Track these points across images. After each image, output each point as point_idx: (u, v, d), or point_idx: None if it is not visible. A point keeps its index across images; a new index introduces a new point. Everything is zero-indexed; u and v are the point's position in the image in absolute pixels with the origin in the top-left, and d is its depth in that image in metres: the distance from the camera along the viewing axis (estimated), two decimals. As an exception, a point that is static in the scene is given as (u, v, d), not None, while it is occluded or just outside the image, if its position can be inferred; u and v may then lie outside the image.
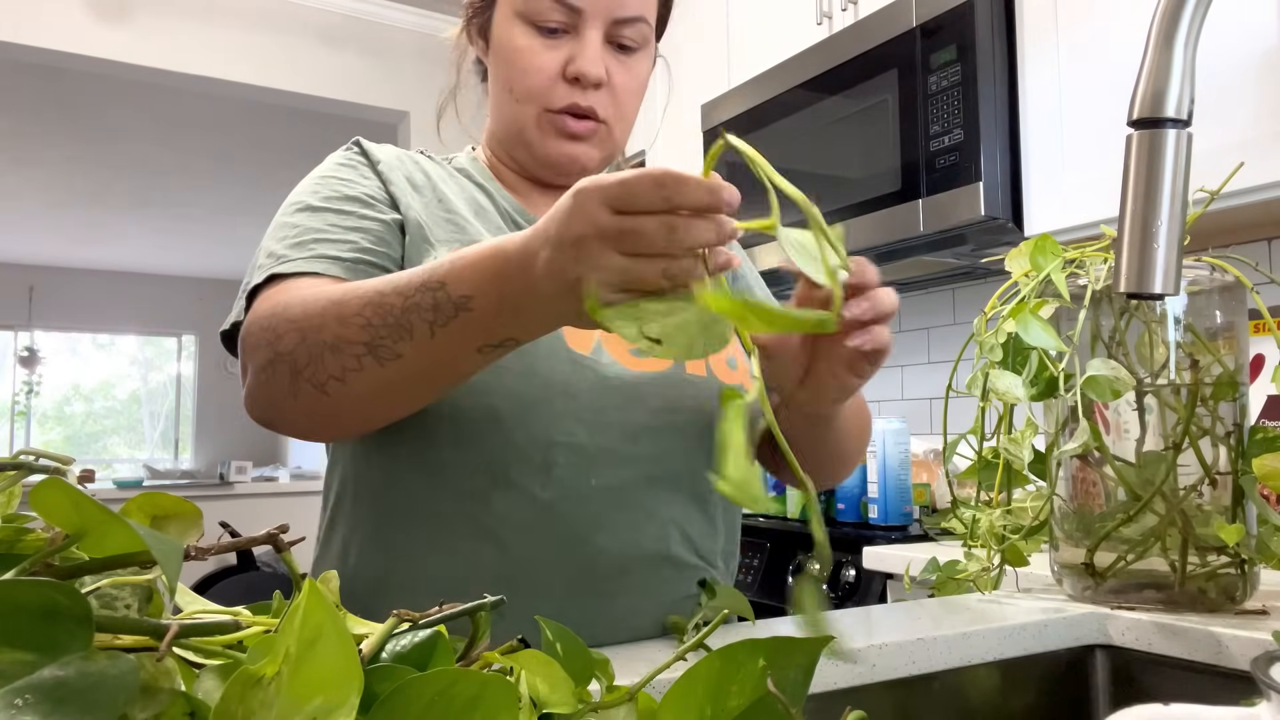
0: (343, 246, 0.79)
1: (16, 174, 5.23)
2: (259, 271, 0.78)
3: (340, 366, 0.67)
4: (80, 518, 0.30)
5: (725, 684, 0.34)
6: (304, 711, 0.26)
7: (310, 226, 0.80)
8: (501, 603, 0.38)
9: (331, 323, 0.67)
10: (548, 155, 0.87)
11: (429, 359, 0.65)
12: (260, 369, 0.71)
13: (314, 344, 0.67)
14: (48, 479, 0.29)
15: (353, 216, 0.81)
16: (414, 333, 0.64)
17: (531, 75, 0.85)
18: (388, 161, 0.88)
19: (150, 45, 3.01)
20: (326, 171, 0.87)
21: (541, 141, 0.87)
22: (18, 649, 0.24)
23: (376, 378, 0.66)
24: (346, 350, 0.66)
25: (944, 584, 0.93)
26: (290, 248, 0.78)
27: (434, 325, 0.63)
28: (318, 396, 0.68)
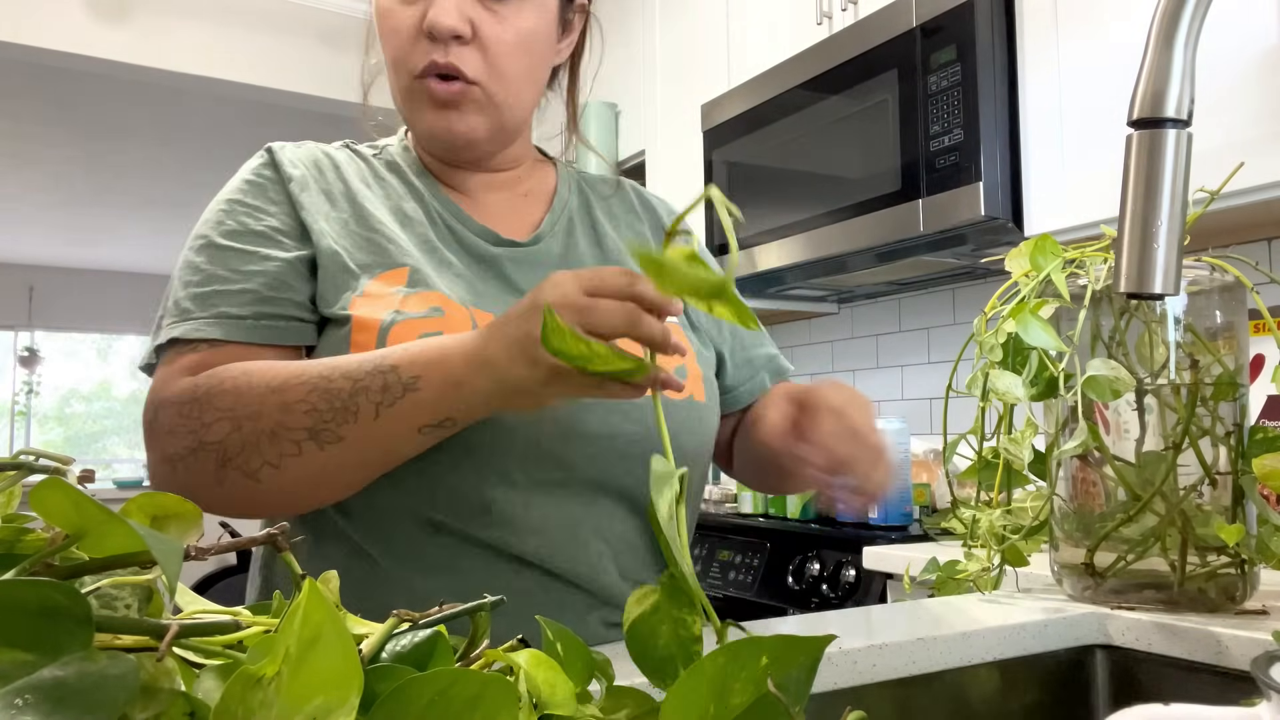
0: (242, 299, 0.75)
1: (16, 174, 5.24)
2: (165, 327, 0.76)
3: (277, 453, 0.67)
4: (80, 518, 0.30)
5: (729, 681, 0.34)
6: (304, 711, 0.26)
7: (212, 274, 0.76)
8: (502, 602, 0.38)
9: (272, 410, 0.67)
10: (425, 128, 0.81)
11: (370, 442, 0.67)
12: (179, 457, 0.69)
13: (250, 432, 0.67)
14: (47, 479, 0.29)
15: (255, 258, 0.76)
16: (359, 416, 0.66)
17: (395, 37, 0.78)
18: (301, 177, 0.81)
19: (150, 45, 3.01)
20: (234, 195, 0.81)
21: (418, 114, 0.80)
22: (17, 649, 0.24)
23: (314, 463, 0.67)
24: (286, 436, 0.67)
25: (944, 584, 0.93)
26: (193, 301, 0.75)
27: (380, 406, 0.65)
28: (247, 484, 0.68)
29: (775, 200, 2.20)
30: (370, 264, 0.78)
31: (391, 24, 0.78)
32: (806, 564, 1.89)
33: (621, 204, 0.97)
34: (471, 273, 0.82)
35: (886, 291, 2.48)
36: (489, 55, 0.78)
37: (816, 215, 2.07)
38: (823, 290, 2.50)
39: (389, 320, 0.73)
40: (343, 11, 3.31)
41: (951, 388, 0.92)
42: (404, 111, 0.83)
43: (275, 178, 0.81)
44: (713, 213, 2.41)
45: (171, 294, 0.78)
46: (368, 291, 0.76)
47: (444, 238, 0.83)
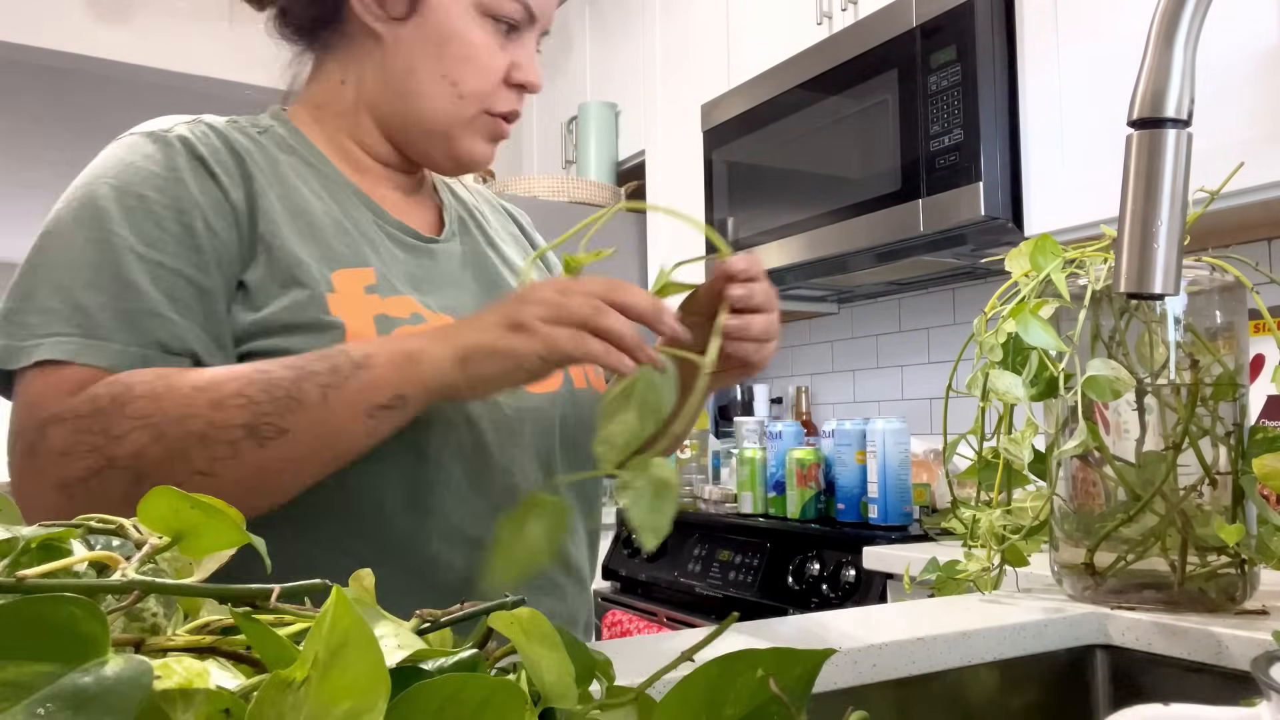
0: (173, 331, 0.67)
1: (17, 174, 5.24)
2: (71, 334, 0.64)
3: (208, 458, 0.61)
4: (179, 523, 0.34)
5: (722, 693, 0.35)
6: (333, 715, 0.26)
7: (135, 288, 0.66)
8: (522, 602, 0.38)
9: (201, 409, 0.61)
10: (471, 154, 0.82)
11: (315, 431, 0.62)
12: (78, 480, 0.61)
13: (174, 438, 0.60)
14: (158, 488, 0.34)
15: (184, 283, 0.68)
16: (304, 401, 0.61)
17: (486, 74, 0.79)
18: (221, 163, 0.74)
19: (150, 45, 3.01)
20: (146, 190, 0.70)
21: (470, 140, 0.81)
22: (40, 662, 0.25)
23: (251, 463, 0.61)
24: (218, 437, 0.61)
25: (944, 584, 0.93)
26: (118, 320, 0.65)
27: (328, 389, 0.61)
28: None
29: (775, 200, 2.20)
30: (327, 257, 0.73)
31: (490, 63, 0.79)
32: (806, 564, 1.89)
33: (485, 203, 0.97)
34: (408, 270, 0.79)
35: (886, 291, 2.48)
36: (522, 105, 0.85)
37: (816, 215, 2.07)
38: (823, 290, 2.50)
39: (383, 328, 0.71)
40: (343, 11, 3.31)
41: (951, 388, 0.92)
42: (448, 129, 0.80)
43: (193, 165, 0.72)
44: (713, 213, 2.41)
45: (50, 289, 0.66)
46: (339, 289, 0.72)
47: (370, 233, 0.79)
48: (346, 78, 0.82)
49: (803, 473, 2.04)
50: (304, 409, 0.61)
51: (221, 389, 0.61)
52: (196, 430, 0.61)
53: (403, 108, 0.80)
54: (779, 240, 2.16)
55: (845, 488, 1.99)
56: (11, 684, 0.25)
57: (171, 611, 0.33)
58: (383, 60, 0.80)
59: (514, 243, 0.94)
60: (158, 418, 0.60)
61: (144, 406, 0.61)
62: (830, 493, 2.05)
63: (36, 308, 0.65)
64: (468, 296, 0.82)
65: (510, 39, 0.80)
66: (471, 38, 0.78)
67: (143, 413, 0.61)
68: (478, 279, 0.85)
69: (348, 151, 0.83)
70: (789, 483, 2.07)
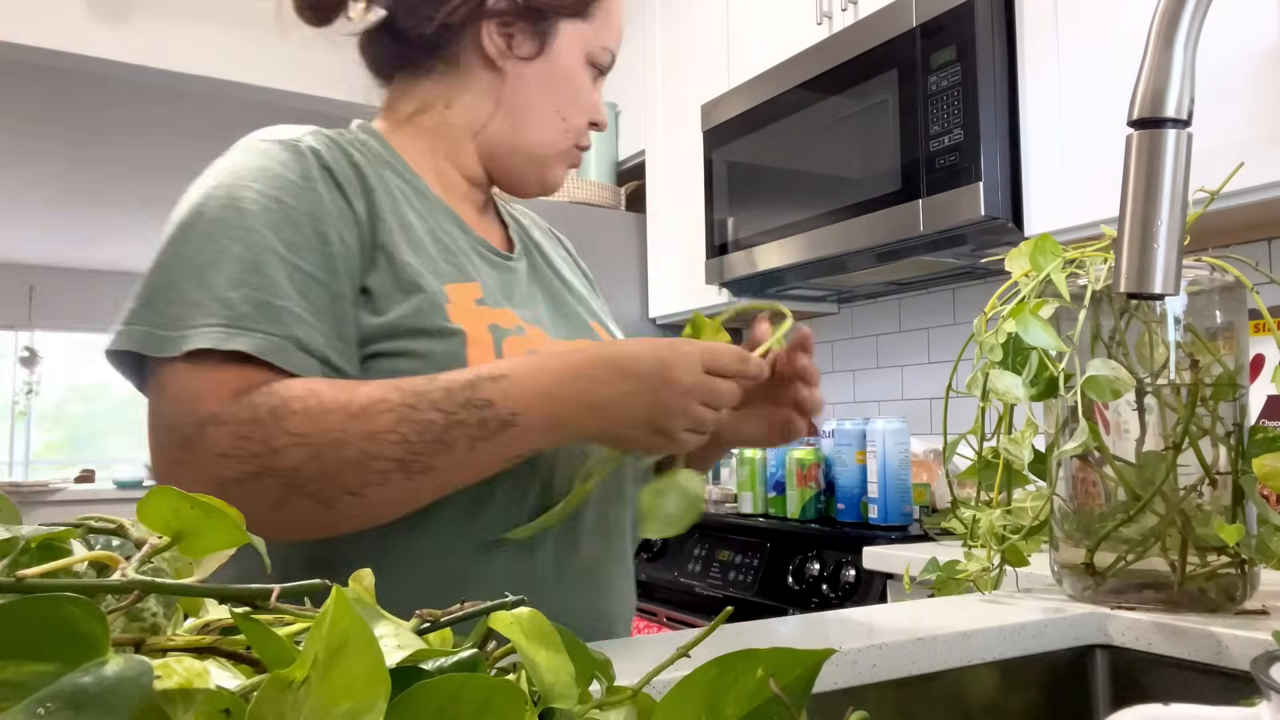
0: (314, 333, 0.70)
1: (16, 174, 5.24)
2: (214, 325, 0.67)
3: (360, 482, 0.66)
4: (179, 522, 0.34)
5: (722, 693, 0.35)
6: (333, 715, 0.26)
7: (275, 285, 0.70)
8: (523, 602, 0.38)
9: (357, 438, 0.65)
10: (556, 179, 0.93)
11: (458, 471, 0.68)
12: (234, 481, 0.65)
13: (331, 460, 0.65)
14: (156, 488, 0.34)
15: (319, 286, 0.72)
16: (454, 449, 0.67)
17: (586, 113, 0.90)
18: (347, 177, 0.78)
19: (150, 45, 3.01)
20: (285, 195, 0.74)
21: (558, 167, 0.91)
22: (40, 661, 0.25)
23: (399, 491, 0.67)
24: (373, 466, 0.66)
25: (944, 584, 0.93)
26: (256, 308, 0.68)
27: (476, 441, 0.67)
28: (317, 510, 0.66)
29: (775, 200, 2.20)
30: (439, 270, 0.79)
31: (586, 100, 0.90)
32: (806, 564, 1.89)
33: (535, 227, 1.03)
34: (495, 283, 0.85)
35: (886, 291, 2.48)
36: None
37: (816, 215, 2.07)
38: (823, 290, 2.50)
39: (497, 337, 0.77)
40: (343, 11, 3.30)
41: (951, 388, 0.92)
42: (544, 155, 0.89)
43: (324, 177, 0.77)
44: (713, 213, 2.41)
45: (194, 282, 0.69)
46: (453, 300, 0.77)
47: (464, 249, 0.85)
48: (452, 103, 0.88)
49: (803, 473, 2.04)
50: (452, 454, 0.67)
51: (375, 421, 0.66)
52: (351, 457, 0.65)
53: (513, 136, 0.88)
54: (779, 240, 2.16)
55: (845, 488, 1.99)
56: (11, 684, 0.25)
57: (171, 611, 0.33)
58: (500, 92, 0.87)
59: (566, 266, 1.01)
60: (315, 438, 0.65)
61: (301, 424, 0.65)
62: (830, 493, 2.05)
63: (181, 299, 0.68)
64: (541, 311, 0.89)
65: (594, 84, 0.91)
66: (581, 80, 0.89)
67: (300, 430, 0.64)
68: (544, 294, 0.92)
69: (440, 170, 0.89)
70: (789, 483, 2.07)
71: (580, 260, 1.07)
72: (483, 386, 0.67)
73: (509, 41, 0.86)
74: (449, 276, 0.79)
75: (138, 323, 0.68)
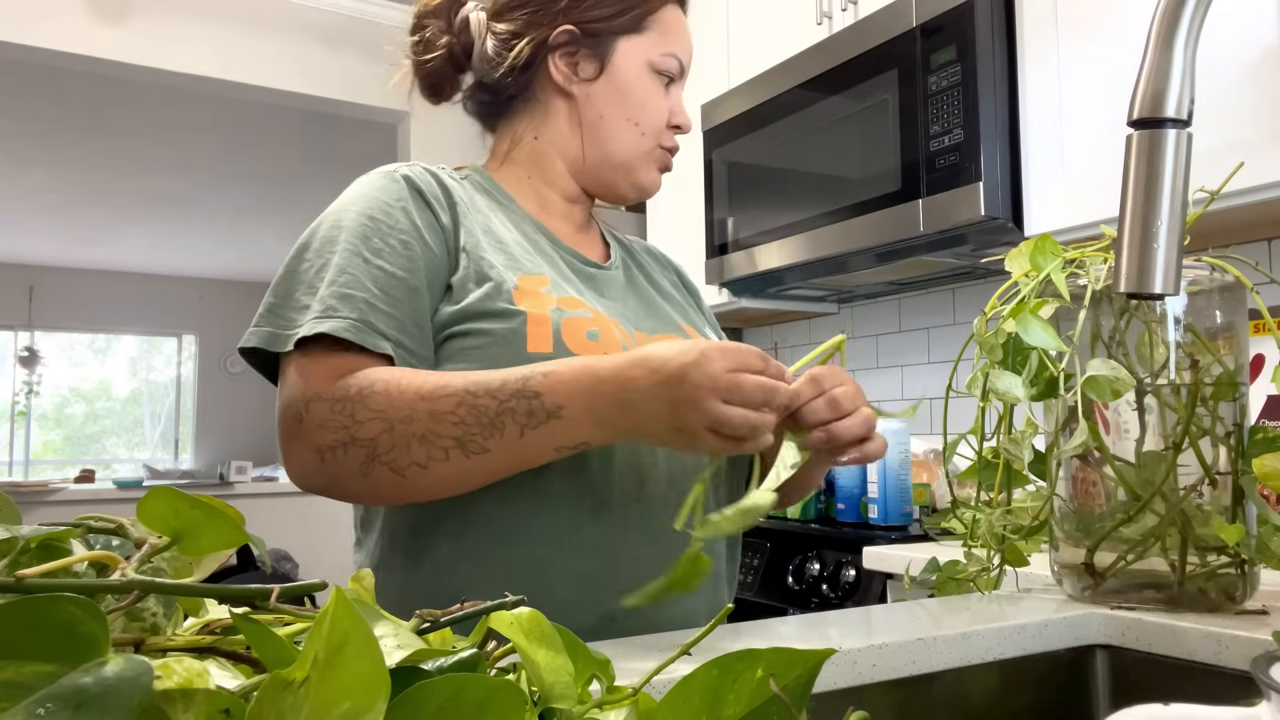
0: (390, 321, 0.81)
1: (16, 174, 5.24)
2: (311, 318, 0.80)
3: (425, 455, 0.75)
4: (178, 522, 0.34)
5: (722, 693, 0.35)
6: (332, 714, 0.26)
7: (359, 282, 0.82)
8: (523, 602, 0.38)
9: (423, 416, 0.75)
10: (648, 181, 1.00)
11: (512, 455, 0.75)
12: (329, 448, 0.76)
13: (401, 434, 0.75)
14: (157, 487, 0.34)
15: (397, 282, 0.83)
16: (505, 432, 0.74)
17: (659, 116, 0.98)
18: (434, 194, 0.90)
19: (150, 45, 3.01)
20: (375, 212, 0.87)
21: (647, 170, 1.00)
22: (40, 662, 0.25)
23: (459, 467, 0.76)
24: (435, 442, 0.75)
25: (944, 584, 0.93)
26: (339, 300, 0.80)
27: (525, 428, 0.74)
28: (394, 479, 0.76)
29: (775, 200, 2.20)
30: (513, 265, 0.89)
31: (661, 105, 0.98)
32: (806, 564, 1.89)
33: (644, 251, 1.12)
34: (579, 287, 0.94)
35: (886, 291, 2.48)
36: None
37: (816, 215, 2.07)
38: (823, 290, 2.50)
39: (557, 318, 0.85)
40: (343, 11, 3.31)
41: (951, 388, 0.92)
42: (629, 162, 0.98)
43: (414, 195, 0.89)
44: (713, 213, 2.41)
45: (300, 281, 0.83)
46: (522, 287, 0.86)
47: (548, 252, 0.95)
48: (539, 132, 1.00)
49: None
50: (503, 437, 0.74)
51: (439, 403, 0.75)
52: (418, 432, 0.75)
53: (596, 148, 0.98)
54: (779, 240, 2.17)
55: (845, 488, 1.99)
56: (11, 684, 0.25)
57: (171, 611, 0.32)
58: (575, 112, 0.98)
59: (674, 290, 1.09)
60: (390, 413, 0.75)
61: (380, 402, 0.75)
62: (830, 493, 2.05)
63: (295, 305, 0.82)
64: (628, 309, 0.98)
65: (668, 90, 0.99)
66: (646, 87, 0.98)
67: (379, 407, 0.75)
68: (638, 300, 1.01)
69: (538, 193, 1.01)
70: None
71: (691, 286, 1.15)
72: (534, 379, 0.74)
73: (573, 68, 0.97)
74: (524, 270, 0.89)
75: (264, 325, 0.83)
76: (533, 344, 0.82)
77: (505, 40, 0.97)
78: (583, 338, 0.85)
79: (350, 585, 0.38)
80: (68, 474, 6.97)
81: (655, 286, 1.05)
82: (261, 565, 4.05)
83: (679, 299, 1.07)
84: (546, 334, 0.83)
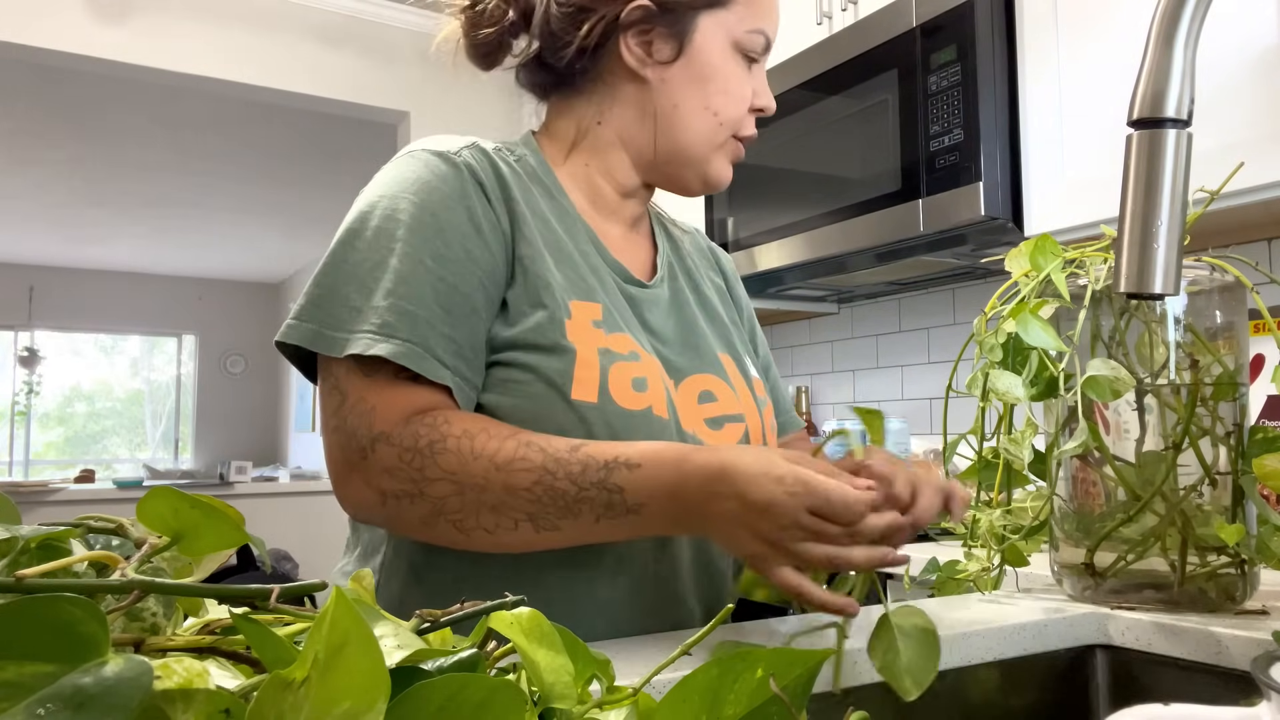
0: (447, 347, 0.75)
1: (16, 174, 5.24)
2: (366, 330, 0.73)
3: (495, 523, 0.72)
4: (178, 523, 0.34)
5: (722, 693, 0.35)
6: (332, 714, 0.26)
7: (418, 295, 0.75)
8: (522, 602, 0.38)
9: (497, 489, 0.71)
10: (718, 175, 0.91)
11: (582, 535, 0.73)
12: (394, 495, 0.73)
13: (471, 500, 0.72)
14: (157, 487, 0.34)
15: (461, 301, 0.77)
16: (580, 517, 0.71)
17: (741, 103, 0.89)
18: (495, 189, 0.82)
19: (150, 45, 3.01)
20: (440, 209, 0.78)
21: (718, 162, 0.91)
22: (39, 662, 0.25)
23: (526, 538, 0.73)
24: (506, 514, 0.72)
25: (944, 584, 0.93)
26: (398, 317, 0.74)
27: (601, 517, 0.71)
28: (457, 535, 0.74)
29: (775, 200, 2.20)
30: (567, 286, 0.82)
31: (743, 91, 0.89)
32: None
33: (694, 247, 1.04)
34: (619, 311, 0.86)
35: (886, 291, 2.48)
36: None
37: (816, 215, 2.07)
38: (823, 290, 2.50)
39: (606, 363, 0.80)
40: (343, 11, 3.31)
41: (951, 388, 0.92)
42: (700, 152, 0.89)
43: (477, 191, 0.81)
44: (713, 212, 2.41)
45: (353, 282, 0.76)
46: (575, 316, 0.80)
47: (598, 269, 0.87)
48: (604, 118, 0.90)
49: (803, 473, 2.04)
50: (578, 522, 0.72)
51: (515, 477, 0.71)
52: (489, 502, 0.72)
53: (667, 139, 0.89)
54: (779, 240, 2.16)
55: (845, 488, 1.99)
56: (11, 684, 0.25)
57: (171, 611, 0.32)
58: (647, 99, 0.88)
59: (716, 293, 1.02)
60: (462, 478, 0.71)
61: (452, 463, 0.71)
62: (830, 493, 2.04)
63: (345, 303, 0.75)
64: (669, 340, 0.90)
65: (751, 70, 0.90)
66: (728, 72, 0.88)
67: (450, 468, 0.71)
68: (679, 325, 0.93)
69: (593, 184, 0.92)
70: (789, 483, 2.06)
71: (737, 284, 1.08)
72: (618, 472, 0.71)
73: (647, 49, 0.87)
74: (578, 294, 0.82)
75: (308, 320, 0.76)
76: (577, 390, 0.77)
77: (572, 15, 0.86)
78: (628, 387, 0.80)
79: (350, 585, 0.38)
80: (68, 474, 6.97)
81: (701, 302, 0.97)
82: (261, 565, 4.06)
83: (722, 315, 0.99)
84: (594, 380, 0.78)
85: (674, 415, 0.83)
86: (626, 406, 0.79)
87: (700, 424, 0.86)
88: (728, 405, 0.89)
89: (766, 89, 0.91)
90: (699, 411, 0.87)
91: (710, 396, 0.88)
